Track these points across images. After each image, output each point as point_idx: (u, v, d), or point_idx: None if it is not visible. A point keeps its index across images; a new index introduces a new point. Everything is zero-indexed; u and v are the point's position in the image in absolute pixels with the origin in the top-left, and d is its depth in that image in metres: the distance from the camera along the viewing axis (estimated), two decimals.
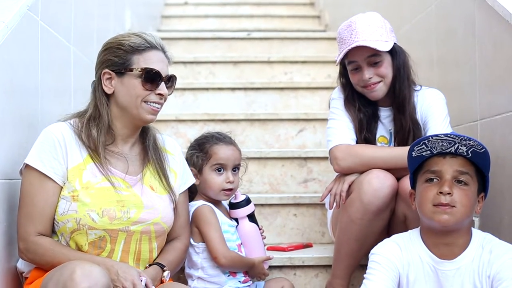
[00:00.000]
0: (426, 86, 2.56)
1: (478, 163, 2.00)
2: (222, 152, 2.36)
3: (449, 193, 1.95)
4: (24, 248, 1.97)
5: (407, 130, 2.46)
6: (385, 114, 2.54)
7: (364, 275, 2.05)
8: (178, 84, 3.87)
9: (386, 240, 2.11)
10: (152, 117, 2.08)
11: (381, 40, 2.41)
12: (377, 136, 2.53)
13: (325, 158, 3.21)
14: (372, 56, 2.42)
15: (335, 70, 4.21)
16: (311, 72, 4.32)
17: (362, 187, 2.31)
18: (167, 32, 5.23)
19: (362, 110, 2.50)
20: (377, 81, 2.44)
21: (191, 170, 2.33)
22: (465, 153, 1.99)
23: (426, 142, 2.01)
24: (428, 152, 2.02)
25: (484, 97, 2.51)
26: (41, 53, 2.38)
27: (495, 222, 2.33)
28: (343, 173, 2.44)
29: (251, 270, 2.35)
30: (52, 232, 2.03)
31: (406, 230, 2.20)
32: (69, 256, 1.92)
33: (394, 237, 2.11)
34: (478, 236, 2.03)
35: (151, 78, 2.05)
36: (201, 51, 4.67)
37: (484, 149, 1.98)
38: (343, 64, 2.52)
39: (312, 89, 3.98)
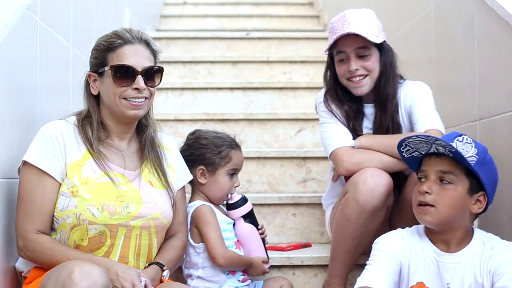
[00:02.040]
0: (410, 80, 2.57)
1: (461, 161, 2.01)
2: (239, 157, 2.39)
3: (427, 192, 2.00)
4: (23, 246, 1.97)
5: (385, 128, 2.49)
6: (369, 111, 2.55)
7: (367, 262, 2.08)
8: (177, 84, 3.94)
9: (390, 232, 2.14)
10: (134, 112, 2.06)
11: (372, 34, 2.44)
12: (364, 132, 2.54)
13: (324, 158, 3.21)
14: (361, 48, 2.45)
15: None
16: (310, 72, 4.32)
17: (357, 187, 2.31)
18: (166, 31, 5.23)
19: (346, 104, 2.51)
20: (363, 73, 2.46)
21: (201, 169, 2.34)
22: (447, 153, 2.01)
23: (407, 143, 2.05)
24: (417, 152, 2.06)
25: (483, 98, 2.51)
26: (40, 52, 2.38)
27: (494, 222, 2.33)
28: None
29: (250, 269, 2.35)
30: (51, 229, 2.03)
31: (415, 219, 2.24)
32: (68, 255, 1.92)
33: (398, 230, 2.15)
34: (480, 234, 2.07)
35: (123, 74, 2.03)
36: (200, 50, 4.66)
37: (454, 150, 1.99)
38: (331, 56, 2.55)
39: (311, 89, 3.97)
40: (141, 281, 1.90)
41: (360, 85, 2.47)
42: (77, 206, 1.98)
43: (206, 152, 2.35)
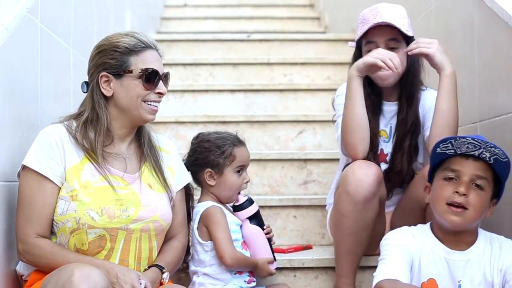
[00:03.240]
0: (431, 88, 2.58)
1: (498, 170, 2.03)
2: (244, 153, 2.39)
3: (464, 194, 1.99)
4: (23, 250, 1.97)
5: (410, 124, 2.49)
6: (388, 109, 2.55)
7: (379, 259, 2.07)
8: (177, 86, 3.95)
9: (399, 228, 2.15)
10: (152, 116, 2.11)
11: (403, 27, 2.45)
12: (379, 129, 2.54)
13: (324, 160, 3.21)
14: (392, 39, 2.45)
15: (334, 72, 4.28)
16: (311, 74, 4.32)
17: (347, 178, 2.33)
18: (166, 34, 5.24)
19: (368, 100, 2.48)
20: None
21: (208, 171, 2.35)
22: (488, 159, 2.02)
23: (453, 142, 2.04)
24: (452, 151, 2.05)
25: (483, 99, 2.52)
26: (41, 55, 2.38)
27: (495, 225, 2.32)
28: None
29: (255, 270, 2.36)
30: (51, 233, 2.03)
31: (423, 219, 2.25)
32: (69, 258, 1.92)
33: (406, 227, 2.14)
34: (484, 233, 2.09)
35: (151, 77, 2.07)
36: (200, 53, 4.67)
37: (507, 159, 2.00)
38: (359, 47, 2.54)
39: (312, 90, 3.97)
40: (141, 284, 1.90)
41: (387, 77, 2.47)
42: (76, 210, 1.98)
43: (210, 155, 2.36)
